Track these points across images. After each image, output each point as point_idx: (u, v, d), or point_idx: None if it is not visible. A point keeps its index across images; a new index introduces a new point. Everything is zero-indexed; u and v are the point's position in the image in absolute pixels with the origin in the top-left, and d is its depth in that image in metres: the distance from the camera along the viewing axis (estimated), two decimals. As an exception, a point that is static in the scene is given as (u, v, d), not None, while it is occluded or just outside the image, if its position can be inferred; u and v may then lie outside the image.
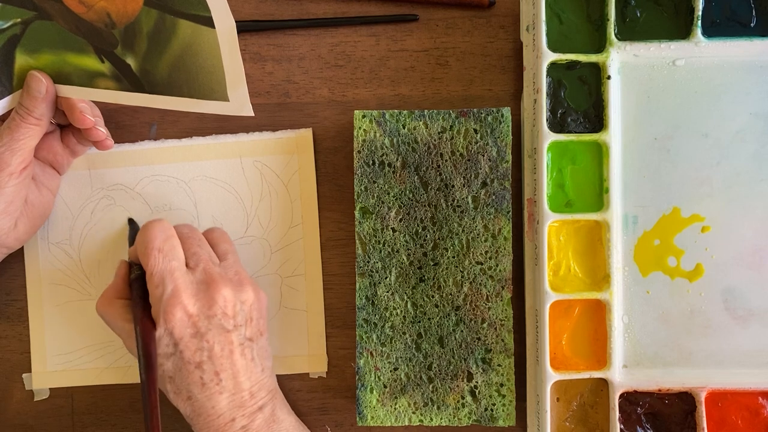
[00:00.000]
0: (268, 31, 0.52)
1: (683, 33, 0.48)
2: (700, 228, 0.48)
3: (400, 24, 0.52)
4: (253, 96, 0.51)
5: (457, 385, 0.48)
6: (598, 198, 0.48)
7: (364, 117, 0.48)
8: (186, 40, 0.42)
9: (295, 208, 0.51)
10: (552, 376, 0.47)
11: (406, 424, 0.49)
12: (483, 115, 0.48)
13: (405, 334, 0.49)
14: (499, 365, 0.48)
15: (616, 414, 0.47)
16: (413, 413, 0.49)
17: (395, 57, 0.52)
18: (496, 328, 0.48)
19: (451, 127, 0.48)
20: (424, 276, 0.49)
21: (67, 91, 0.45)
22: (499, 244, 0.48)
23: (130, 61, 0.44)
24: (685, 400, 0.48)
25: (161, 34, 0.42)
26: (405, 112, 0.48)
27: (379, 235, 0.49)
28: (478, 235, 0.48)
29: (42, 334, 0.52)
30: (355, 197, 0.49)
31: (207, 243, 0.46)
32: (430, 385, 0.48)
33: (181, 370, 0.43)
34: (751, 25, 0.48)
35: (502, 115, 0.48)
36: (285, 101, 0.52)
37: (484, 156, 0.48)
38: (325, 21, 0.51)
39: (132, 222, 0.51)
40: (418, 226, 0.49)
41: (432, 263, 0.48)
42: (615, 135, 0.48)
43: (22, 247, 0.51)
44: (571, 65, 0.48)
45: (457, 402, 0.48)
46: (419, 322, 0.49)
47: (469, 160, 0.48)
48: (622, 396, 0.48)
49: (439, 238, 0.48)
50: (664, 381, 0.48)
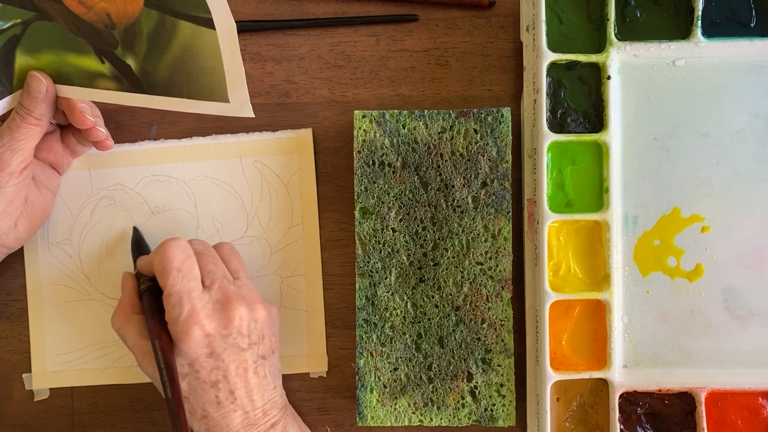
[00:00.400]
0: (268, 31, 0.52)
1: (683, 33, 0.48)
2: (700, 228, 0.48)
3: (400, 24, 0.52)
4: (253, 96, 0.51)
5: (457, 386, 0.48)
6: (598, 198, 0.48)
7: (364, 117, 0.48)
8: (186, 41, 0.42)
9: (295, 208, 0.51)
10: (552, 376, 0.47)
11: (406, 424, 0.49)
12: (483, 115, 0.48)
13: (405, 334, 0.49)
14: (499, 365, 0.48)
15: (616, 414, 0.47)
16: (413, 413, 0.49)
17: (395, 57, 0.52)
18: (496, 329, 0.48)
19: (451, 127, 0.48)
20: (424, 276, 0.49)
21: (67, 91, 0.45)
22: (499, 245, 0.48)
23: (131, 61, 0.44)
24: (685, 400, 0.48)
25: (161, 35, 0.42)
26: (405, 112, 0.48)
27: (379, 235, 0.49)
28: (478, 235, 0.48)
29: (42, 334, 0.52)
30: (355, 197, 0.49)
31: (220, 260, 0.46)
32: (430, 386, 0.49)
33: (196, 390, 0.43)
34: (751, 25, 0.48)
35: (502, 115, 0.48)
36: (285, 101, 0.52)
37: (484, 156, 0.48)
38: (325, 21, 0.51)
39: (136, 231, 0.51)
40: (418, 226, 0.49)
41: (432, 263, 0.48)
42: (615, 135, 0.48)
43: (22, 247, 0.51)
44: (571, 65, 0.48)
45: (457, 402, 0.48)
46: (419, 322, 0.49)
47: (469, 160, 0.48)
48: (622, 396, 0.48)
49: (439, 239, 0.48)
50: (664, 381, 0.48)
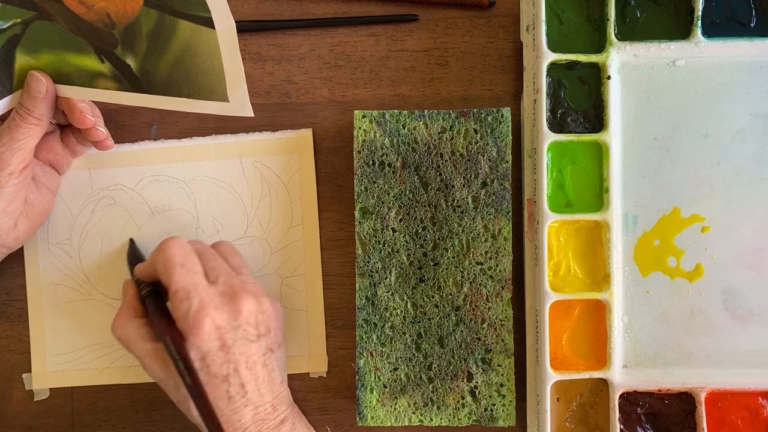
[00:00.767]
0: (268, 31, 0.52)
1: (683, 33, 0.48)
2: (700, 228, 0.48)
3: (400, 24, 0.52)
4: (253, 96, 0.51)
5: (457, 385, 0.48)
6: (598, 198, 0.48)
7: (364, 117, 0.48)
8: (186, 40, 0.42)
9: (295, 208, 0.51)
10: (552, 376, 0.47)
11: (406, 424, 0.49)
12: (483, 115, 0.48)
13: (405, 334, 0.49)
14: (499, 365, 0.48)
15: (616, 414, 0.47)
16: (413, 413, 0.49)
17: (395, 57, 0.52)
18: (496, 328, 0.48)
19: (451, 127, 0.48)
20: (424, 276, 0.49)
21: (67, 91, 0.45)
22: (499, 245, 0.48)
23: (130, 61, 0.44)
24: (685, 400, 0.48)
25: (161, 34, 0.42)
26: (405, 113, 0.48)
27: (379, 235, 0.49)
28: (478, 235, 0.48)
29: (42, 334, 0.52)
30: (355, 197, 0.49)
31: (221, 257, 0.46)
32: (430, 385, 0.48)
33: (207, 385, 0.42)
34: (751, 25, 0.48)
35: (502, 115, 0.48)
36: (285, 101, 0.52)
37: (484, 156, 0.48)
38: (325, 21, 0.51)
39: (133, 243, 0.51)
40: (418, 226, 0.49)
41: (432, 263, 0.48)
42: (615, 135, 0.48)
43: (22, 247, 0.51)
44: (571, 65, 0.48)
45: (457, 402, 0.48)
46: (419, 322, 0.49)
47: (469, 160, 0.48)
48: (622, 396, 0.48)
49: (439, 239, 0.48)
50: (664, 381, 0.48)
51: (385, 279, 0.49)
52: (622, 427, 0.48)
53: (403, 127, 0.48)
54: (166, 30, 0.42)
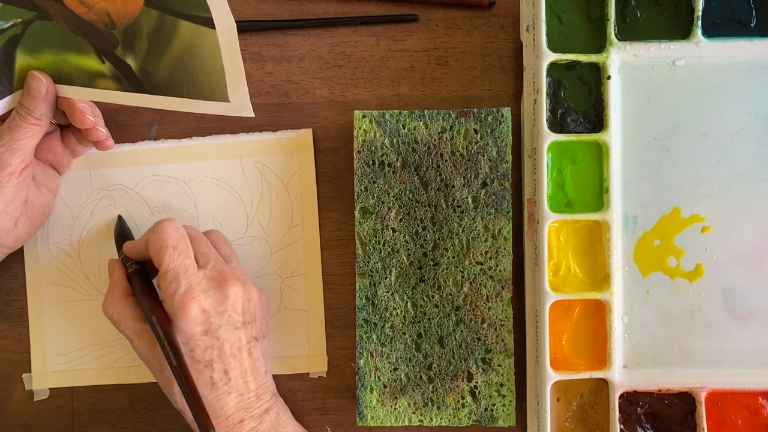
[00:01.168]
0: (268, 31, 0.52)
1: (683, 33, 0.48)
2: (700, 228, 0.48)
3: (400, 24, 0.52)
4: (253, 96, 0.51)
5: (457, 385, 0.48)
6: (598, 198, 0.48)
7: (364, 117, 0.48)
8: (186, 40, 0.42)
9: (295, 209, 0.51)
10: (552, 376, 0.47)
11: (406, 424, 0.49)
12: (483, 115, 0.48)
13: (405, 334, 0.49)
14: (499, 365, 0.48)
15: (616, 414, 0.47)
16: (413, 413, 0.49)
17: (395, 57, 0.52)
18: (496, 329, 0.48)
19: (451, 127, 0.48)
20: (424, 276, 0.49)
21: (67, 91, 0.45)
22: (499, 245, 0.48)
23: (131, 61, 0.44)
24: (685, 400, 0.48)
25: (161, 34, 0.42)
26: (405, 112, 0.48)
27: (379, 235, 0.49)
28: (478, 235, 0.48)
29: (42, 334, 0.52)
30: (355, 197, 0.49)
31: (212, 245, 0.47)
32: (430, 385, 0.48)
33: (190, 370, 0.43)
34: (751, 25, 0.48)
35: (502, 115, 0.48)
36: (285, 101, 0.52)
37: (484, 156, 0.48)
38: (325, 21, 0.51)
39: (121, 219, 0.51)
40: (418, 226, 0.49)
41: (432, 263, 0.48)
42: (615, 135, 0.48)
43: (22, 247, 0.51)
44: (571, 65, 0.48)
45: (457, 402, 0.48)
46: (419, 322, 0.49)
47: (469, 160, 0.48)
48: (622, 396, 0.48)
49: (439, 239, 0.48)
50: (664, 381, 0.48)
51: (385, 279, 0.49)
52: (622, 427, 0.48)
53: (403, 127, 0.48)
54: (167, 30, 0.42)
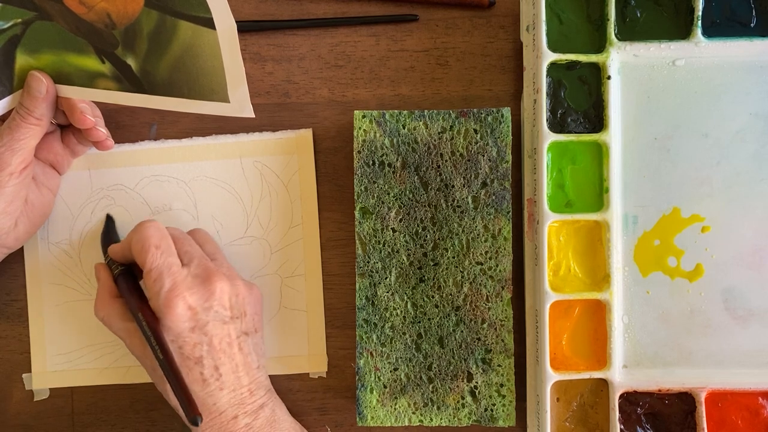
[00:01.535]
0: (268, 31, 0.52)
1: (683, 33, 0.48)
2: (700, 228, 0.48)
3: (400, 24, 0.52)
4: (253, 96, 0.51)
5: (457, 386, 0.48)
6: (598, 198, 0.48)
7: (364, 117, 0.48)
8: (186, 41, 0.42)
9: (295, 209, 0.51)
10: (552, 376, 0.47)
11: (406, 424, 0.49)
12: (483, 115, 0.48)
13: (405, 334, 0.49)
14: (499, 365, 0.48)
15: (616, 414, 0.47)
16: (413, 413, 0.49)
17: (395, 57, 0.52)
18: (496, 329, 0.48)
19: (451, 127, 0.48)
20: (424, 276, 0.49)
21: (67, 91, 0.45)
22: (499, 245, 0.48)
23: (131, 61, 0.44)
24: (685, 400, 0.48)
25: (162, 35, 0.42)
26: (405, 113, 0.48)
27: (379, 235, 0.49)
28: (478, 235, 0.48)
29: (42, 334, 0.52)
30: (355, 197, 0.49)
31: (195, 243, 0.47)
32: (430, 386, 0.49)
33: (180, 368, 0.43)
34: (751, 25, 0.48)
35: (502, 115, 0.48)
36: (285, 101, 0.52)
37: (484, 156, 0.48)
38: (325, 21, 0.51)
39: (110, 220, 0.51)
40: (418, 226, 0.49)
41: (432, 263, 0.48)
42: (615, 135, 0.48)
43: (22, 247, 0.51)
44: (571, 65, 0.48)
45: (457, 402, 0.48)
46: (419, 322, 0.49)
47: (469, 161, 0.48)
48: (622, 396, 0.48)
49: (439, 239, 0.48)
50: (664, 381, 0.48)
51: (385, 279, 0.49)
52: (622, 427, 0.48)
53: (403, 127, 0.48)
54: (167, 30, 0.42)
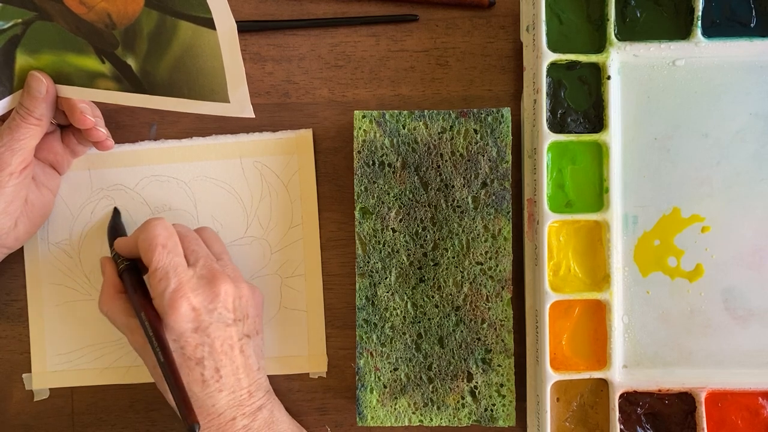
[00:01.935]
0: (268, 31, 0.52)
1: (683, 33, 0.48)
2: (700, 228, 0.48)
3: (400, 24, 0.52)
4: (253, 96, 0.51)
5: (457, 386, 0.48)
6: (598, 198, 0.48)
7: (364, 117, 0.48)
8: (187, 41, 0.42)
9: (295, 209, 0.51)
10: (552, 377, 0.47)
11: (406, 424, 0.49)
12: (483, 115, 0.48)
13: (405, 334, 0.49)
14: (499, 365, 0.48)
15: (616, 414, 0.47)
16: (413, 413, 0.49)
17: (395, 57, 0.52)
18: (496, 329, 0.48)
19: (451, 127, 0.48)
20: (424, 276, 0.49)
21: (67, 91, 0.45)
22: (499, 245, 0.48)
23: (131, 61, 0.44)
24: (685, 400, 0.48)
25: (162, 35, 0.42)
26: (405, 113, 0.48)
27: (379, 235, 0.49)
28: (478, 235, 0.48)
29: (42, 334, 0.52)
30: (355, 197, 0.49)
31: (203, 242, 0.47)
32: (430, 386, 0.49)
33: (181, 368, 0.43)
34: (751, 25, 0.48)
35: (502, 116, 0.48)
36: (285, 101, 0.52)
37: (484, 156, 0.48)
38: (325, 21, 0.51)
39: (117, 213, 0.51)
40: (418, 226, 0.49)
41: (432, 263, 0.48)
42: (615, 135, 0.48)
43: (22, 247, 0.51)
44: (571, 65, 0.48)
45: (457, 402, 0.48)
46: (419, 322, 0.49)
47: (469, 161, 0.48)
48: (622, 396, 0.48)
49: (439, 239, 0.48)
50: (664, 381, 0.48)
51: (385, 279, 0.49)
52: (622, 427, 0.48)
53: (403, 127, 0.48)
54: (167, 31, 0.42)
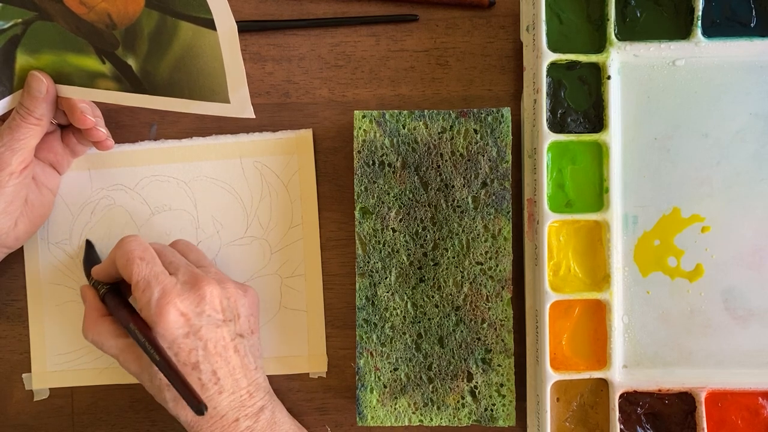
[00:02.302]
0: (268, 31, 0.52)
1: (683, 33, 0.48)
2: (700, 228, 0.48)
3: (400, 24, 0.52)
4: (253, 96, 0.51)
5: (457, 386, 0.48)
6: (598, 198, 0.48)
7: (364, 117, 0.48)
8: (187, 41, 0.42)
9: (295, 209, 0.51)
10: (552, 376, 0.47)
11: (406, 424, 0.49)
12: (483, 115, 0.48)
13: (405, 334, 0.49)
14: (499, 365, 0.48)
15: (616, 414, 0.47)
16: (413, 413, 0.49)
17: (395, 57, 0.52)
18: (496, 329, 0.48)
19: (451, 127, 0.48)
20: (424, 276, 0.49)
21: (67, 91, 0.45)
22: (499, 245, 0.48)
23: (131, 62, 0.44)
24: (685, 400, 0.48)
25: (162, 35, 0.42)
26: (405, 113, 0.48)
27: (379, 235, 0.49)
28: (478, 235, 0.48)
29: (42, 334, 0.52)
30: (355, 197, 0.49)
31: (179, 254, 0.47)
32: (430, 386, 0.49)
33: None
34: (751, 25, 0.48)
35: (502, 116, 0.48)
36: (285, 101, 0.52)
37: (484, 156, 0.48)
38: (325, 21, 0.51)
39: (89, 245, 0.51)
40: (418, 226, 0.49)
41: (432, 263, 0.48)
42: (615, 135, 0.48)
43: (22, 247, 0.51)
44: (571, 65, 0.48)
45: (457, 402, 0.48)
46: (419, 322, 0.49)
47: (469, 161, 0.48)
48: (622, 396, 0.48)
49: (439, 239, 0.48)
50: (664, 381, 0.48)
51: (385, 279, 0.49)
52: (622, 427, 0.48)
53: (403, 127, 0.48)
54: (168, 31, 0.42)
